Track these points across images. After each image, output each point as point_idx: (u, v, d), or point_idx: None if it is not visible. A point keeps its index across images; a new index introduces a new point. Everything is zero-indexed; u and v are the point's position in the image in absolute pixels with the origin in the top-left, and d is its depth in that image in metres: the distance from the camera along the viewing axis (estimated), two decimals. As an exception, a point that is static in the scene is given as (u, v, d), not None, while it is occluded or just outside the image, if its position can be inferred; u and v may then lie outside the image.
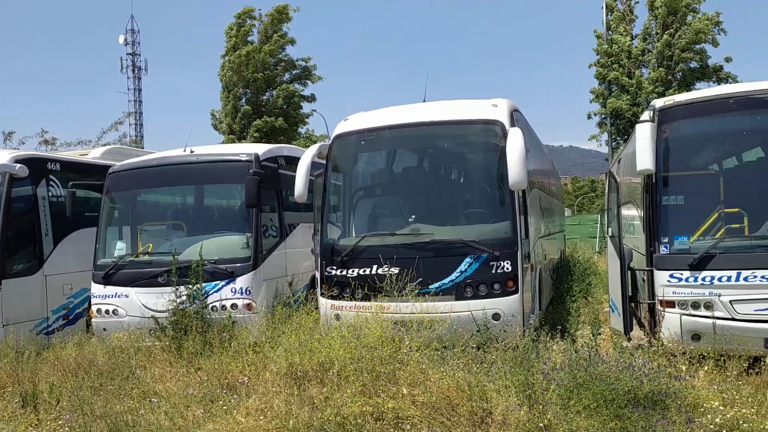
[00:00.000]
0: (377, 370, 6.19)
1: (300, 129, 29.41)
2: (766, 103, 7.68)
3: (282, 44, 28.42)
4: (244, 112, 27.40)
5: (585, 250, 21.18)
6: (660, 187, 7.69)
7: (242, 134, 27.38)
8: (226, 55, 28.16)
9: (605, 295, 11.26)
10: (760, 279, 7.08)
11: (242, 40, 28.04)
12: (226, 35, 28.27)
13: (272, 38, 28.16)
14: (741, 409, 5.42)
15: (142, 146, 41.35)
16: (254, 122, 27.13)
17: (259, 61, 27.39)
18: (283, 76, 28.50)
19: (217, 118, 28.61)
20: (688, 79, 25.34)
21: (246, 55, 27.05)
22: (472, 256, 7.98)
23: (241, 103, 27.91)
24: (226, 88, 28.13)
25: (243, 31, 28.10)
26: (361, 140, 8.99)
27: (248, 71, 27.26)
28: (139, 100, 62.26)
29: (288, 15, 28.52)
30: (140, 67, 62.59)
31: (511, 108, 8.74)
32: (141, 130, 60.43)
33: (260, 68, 27.48)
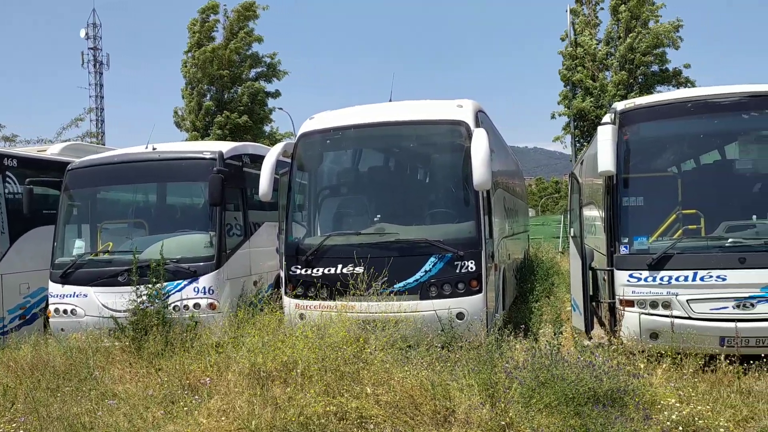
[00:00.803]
0: (341, 370, 6.17)
1: (265, 127, 29.07)
2: (722, 107, 7.89)
3: (248, 42, 28.06)
4: (207, 109, 26.96)
5: (548, 250, 21.49)
6: (620, 188, 7.84)
7: (206, 131, 26.98)
8: (189, 51, 27.67)
9: (567, 295, 11.43)
10: (716, 279, 7.27)
11: (206, 37, 27.59)
12: (189, 31, 27.75)
13: (238, 35, 27.77)
14: (696, 406, 5.57)
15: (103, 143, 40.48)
16: (216, 119, 26.71)
17: (224, 58, 27.01)
18: (248, 73, 28.15)
19: (180, 115, 28.11)
20: (649, 83, 25.87)
21: (211, 51, 26.63)
22: (436, 255, 8.01)
23: (205, 99, 27.46)
24: (190, 84, 27.67)
25: (207, 27, 27.66)
26: (327, 139, 8.95)
27: (213, 68, 26.87)
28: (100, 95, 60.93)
29: (255, 12, 28.17)
30: (102, 62, 61.27)
31: (476, 109, 8.80)
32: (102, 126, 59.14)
33: (225, 65, 27.10)
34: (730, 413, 5.65)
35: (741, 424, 5.57)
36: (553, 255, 20.32)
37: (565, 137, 28.52)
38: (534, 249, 20.36)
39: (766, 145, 8.18)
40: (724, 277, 7.25)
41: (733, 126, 8.08)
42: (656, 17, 25.91)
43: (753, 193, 7.93)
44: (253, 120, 27.42)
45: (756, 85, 7.93)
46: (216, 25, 27.95)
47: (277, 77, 28.68)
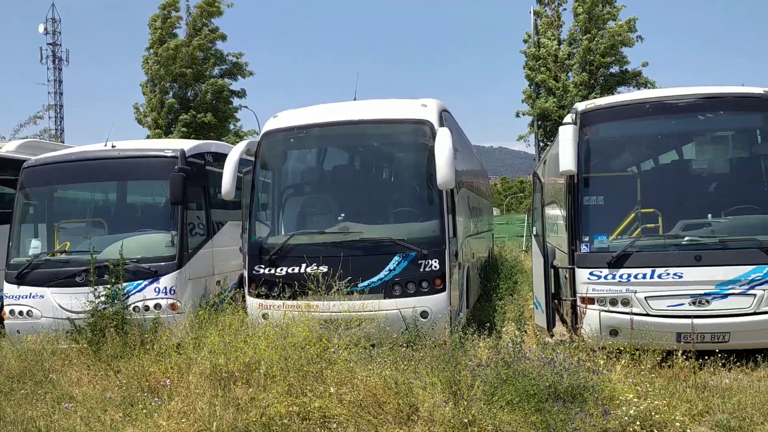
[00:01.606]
0: (304, 370, 6.13)
1: (230, 125, 28.73)
2: (679, 108, 8.08)
3: (212, 39, 27.67)
4: (169, 107, 26.50)
5: (512, 249, 21.70)
6: (581, 187, 7.97)
7: (169, 129, 26.53)
8: (151, 48, 27.16)
9: (531, 293, 11.55)
10: (673, 276, 7.44)
11: (168, 33, 27.12)
12: (150, 27, 27.23)
13: (201, 32, 27.37)
14: (653, 400, 5.66)
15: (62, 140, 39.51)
16: (181, 117, 26.29)
17: (187, 55, 26.60)
18: (212, 71, 27.77)
19: (141, 112, 27.57)
20: (610, 83, 26.35)
21: (174, 48, 26.18)
22: (400, 254, 8.02)
23: (167, 97, 27.00)
24: (152, 81, 27.17)
25: (169, 23, 27.18)
26: (291, 138, 8.90)
27: (176, 65, 26.43)
28: (59, 92, 59.50)
29: (218, 9, 27.79)
30: (61, 58, 59.82)
31: (440, 108, 8.84)
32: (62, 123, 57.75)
33: (188, 63, 26.69)
34: (685, 407, 5.78)
35: (696, 418, 5.71)
36: (517, 254, 20.53)
37: (529, 136, 28.89)
38: (498, 248, 20.56)
39: (722, 146, 8.38)
40: (680, 275, 7.42)
41: (690, 127, 8.28)
42: (614, 17, 26.35)
43: (709, 193, 8.13)
44: (217, 118, 27.07)
45: (712, 87, 8.15)
46: (178, 21, 27.48)
47: (243, 75, 28.38)
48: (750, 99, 7.93)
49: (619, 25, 25.85)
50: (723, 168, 8.24)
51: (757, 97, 7.84)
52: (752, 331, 7.30)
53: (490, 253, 16.57)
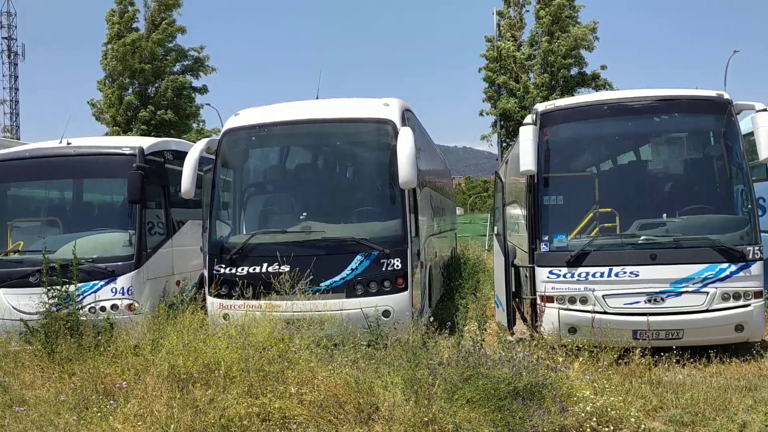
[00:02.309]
0: (265, 370, 6.07)
1: (193, 123, 28.31)
2: (636, 110, 8.26)
3: (171, 33, 27.18)
4: (128, 103, 25.96)
5: (475, 248, 21.88)
6: (541, 187, 8.08)
7: (128, 127, 26.01)
8: (109, 43, 26.56)
9: (492, 292, 11.66)
10: (629, 275, 7.59)
11: (126, 27, 26.57)
12: (108, 21, 26.65)
13: (160, 26, 26.87)
14: (610, 397, 5.77)
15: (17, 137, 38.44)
16: (140, 114, 25.80)
17: (146, 50, 26.09)
18: (173, 67, 27.30)
19: (98, 108, 26.96)
20: (570, 85, 26.80)
21: (131, 43, 25.65)
22: (363, 253, 8.02)
23: (126, 93, 26.45)
24: (110, 77, 26.58)
25: (127, 17, 26.63)
26: (252, 136, 8.81)
27: (134, 60, 25.91)
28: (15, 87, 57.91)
29: (177, 1, 27.28)
30: (17, 53, 58.21)
31: (403, 107, 8.85)
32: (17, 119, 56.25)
33: (148, 58, 26.18)
34: (640, 403, 5.90)
35: (651, 413, 5.83)
36: (480, 253, 20.72)
37: (491, 137, 29.18)
38: (462, 247, 20.70)
39: (676, 147, 8.59)
40: (636, 273, 7.58)
41: (646, 128, 8.46)
42: (575, 20, 26.83)
43: (664, 193, 8.32)
44: (179, 116, 26.64)
45: (667, 90, 8.35)
46: (136, 15, 26.94)
47: (204, 72, 27.98)
48: (703, 101, 8.13)
49: (581, 29, 26.33)
50: (678, 169, 8.45)
51: (710, 100, 8.05)
52: (704, 328, 7.50)
53: (453, 252, 16.67)
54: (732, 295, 7.49)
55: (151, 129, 25.35)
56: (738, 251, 7.53)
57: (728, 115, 7.90)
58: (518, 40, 28.12)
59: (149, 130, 25.14)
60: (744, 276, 7.50)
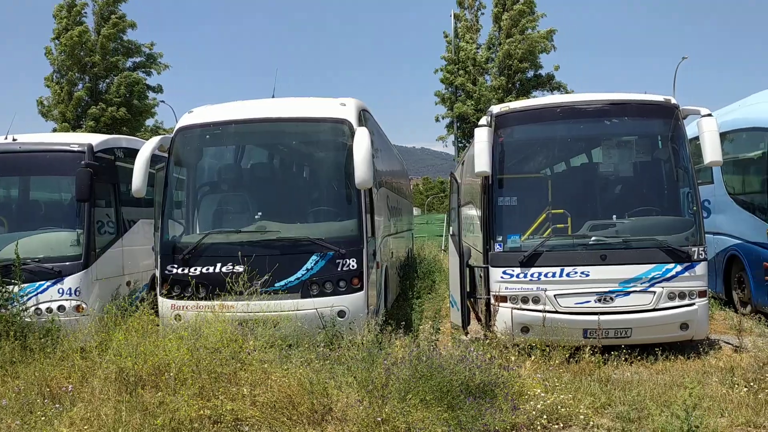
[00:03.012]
0: (217, 372, 5.99)
1: (147, 121, 27.71)
2: (587, 113, 8.44)
3: (122, 27, 26.53)
4: (78, 99, 25.23)
5: (432, 248, 22.03)
6: (495, 188, 8.18)
7: (78, 123, 25.30)
8: (57, 38, 25.78)
9: (448, 292, 11.75)
10: (580, 275, 7.75)
11: (75, 22, 25.85)
12: (56, 17, 25.88)
13: (110, 21, 26.19)
14: (560, 395, 5.88)
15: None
16: (90, 110, 25.10)
17: (97, 45, 25.41)
18: (125, 63, 26.67)
19: (46, 105, 26.13)
20: (526, 87, 27.23)
21: (78, 36, 24.92)
22: (318, 253, 7.98)
23: (76, 89, 25.71)
24: (59, 72, 25.80)
25: (75, 11, 25.89)
26: (206, 134, 8.69)
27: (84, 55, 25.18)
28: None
29: None
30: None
31: (360, 107, 8.84)
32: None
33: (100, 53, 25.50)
34: (589, 401, 6.01)
35: (599, 410, 5.94)
36: (436, 253, 20.86)
37: (448, 138, 29.44)
38: (418, 247, 20.80)
39: (626, 150, 8.79)
40: (587, 273, 7.74)
41: (597, 131, 8.65)
42: (534, 26, 27.29)
43: (614, 195, 8.53)
44: (131, 112, 26.03)
45: (618, 94, 8.56)
46: (84, 9, 26.21)
47: (157, 70, 27.41)
48: (651, 106, 8.35)
49: (539, 34, 26.79)
50: (627, 171, 8.65)
51: (658, 105, 8.28)
52: (652, 327, 7.71)
53: (409, 252, 16.74)
54: (678, 295, 7.71)
55: (102, 126, 24.70)
56: (683, 252, 7.76)
57: (675, 120, 8.14)
58: (475, 43, 28.44)
59: (100, 127, 24.48)
60: (689, 276, 7.73)
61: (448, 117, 28.44)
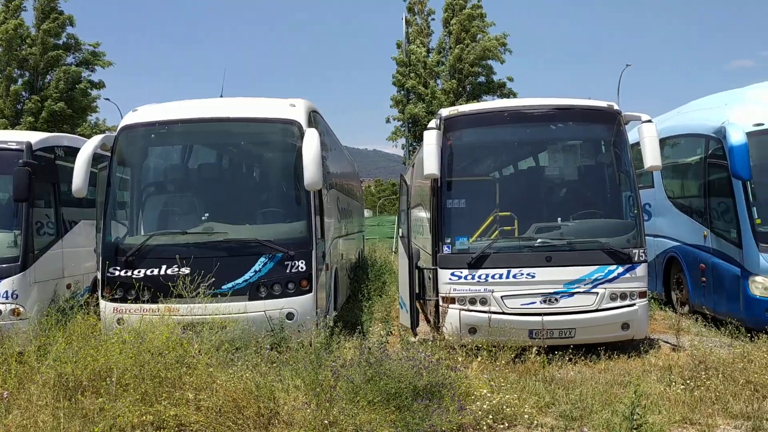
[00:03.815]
0: (161, 376, 5.85)
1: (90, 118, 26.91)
2: (534, 117, 8.62)
3: (62, 21, 25.67)
4: (15, 93, 24.30)
5: (383, 250, 22.07)
6: (444, 190, 8.25)
7: (17, 120, 24.39)
8: (-5, 34, 24.87)
9: (398, 293, 11.78)
10: (526, 276, 7.89)
11: (13, 16, 24.96)
12: (-7, 13, 25.00)
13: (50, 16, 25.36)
14: (506, 395, 5.97)
15: None
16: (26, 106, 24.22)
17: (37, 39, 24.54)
18: (65, 59, 25.84)
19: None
20: (476, 92, 27.61)
21: (14, 30, 24.04)
22: (266, 255, 7.90)
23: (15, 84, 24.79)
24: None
25: (14, 5, 24.97)
26: (151, 133, 8.50)
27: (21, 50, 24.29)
28: None
29: None
30: None
31: (309, 109, 8.80)
32: None
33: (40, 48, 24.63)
34: (534, 400, 6.12)
35: (543, 409, 6.06)
36: (387, 255, 20.91)
37: (398, 139, 29.61)
38: (369, 249, 20.81)
39: (571, 154, 9.03)
40: (533, 275, 7.89)
41: (543, 135, 8.84)
42: (484, 32, 27.69)
43: (559, 198, 8.73)
44: (73, 109, 25.21)
45: (563, 99, 8.76)
46: (23, 3, 25.31)
47: (102, 66, 26.65)
48: (595, 111, 8.58)
49: (490, 39, 27.17)
50: (572, 175, 8.87)
51: (601, 110, 8.51)
52: (594, 327, 7.91)
53: (360, 254, 16.72)
54: (619, 295, 7.93)
55: (42, 122, 23.86)
56: (625, 254, 7.98)
57: (617, 125, 8.38)
58: (426, 47, 28.70)
59: (39, 124, 23.64)
60: (630, 277, 7.96)
61: (400, 119, 28.60)
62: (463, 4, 27.68)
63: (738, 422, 5.71)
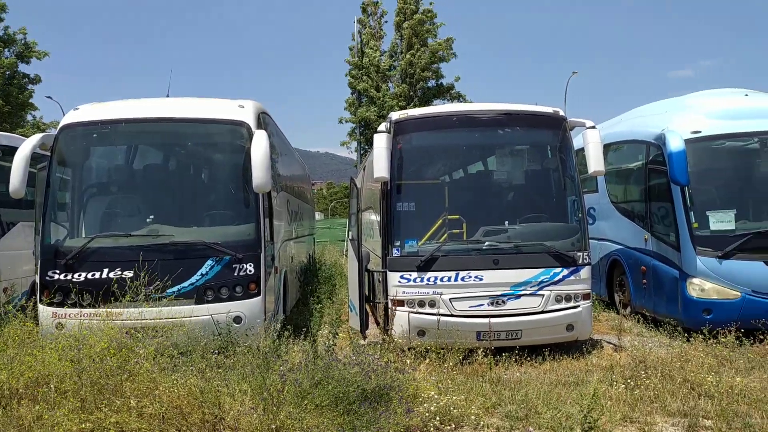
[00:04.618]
0: (101, 383, 5.69)
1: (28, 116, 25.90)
2: (482, 122, 8.74)
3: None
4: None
5: (334, 253, 22.01)
6: (394, 194, 8.29)
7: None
8: None
9: (348, 296, 11.76)
10: (474, 279, 7.99)
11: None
12: None
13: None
14: (453, 396, 6.01)
15: None
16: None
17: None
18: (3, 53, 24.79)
19: None
20: (427, 96, 27.83)
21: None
22: (214, 258, 7.78)
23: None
24: None
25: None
26: (93, 133, 8.25)
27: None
28: None
29: None
30: None
31: (259, 110, 8.70)
32: None
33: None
34: (481, 401, 6.19)
35: (490, 410, 6.13)
36: (338, 257, 20.86)
37: (351, 143, 29.58)
38: (320, 252, 20.72)
39: (518, 158, 9.19)
40: (481, 277, 7.99)
41: (491, 140, 8.98)
42: (434, 35, 27.96)
43: (507, 201, 8.88)
44: (11, 105, 24.21)
45: (511, 105, 8.90)
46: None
47: (38, 57, 25.53)
48: (541, 117, 8.75)
49: (438, 43, 27.47)
50: (519, 179, 9.02)
51: (547, 116, 8.69)
52: (540, 328, 8.06)
53: (311, 257, 16.63)
54: (564, 297, 8.10)
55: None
56: (570, 257, 8.16)
57: (563, 131, 8.57)
58: (378, 50, 28.79)
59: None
60: (575, 279, 8.14)
61: (352, 122, 28.59)
62: (414, 9, 27.89)
63: (675, 420, 5.90)
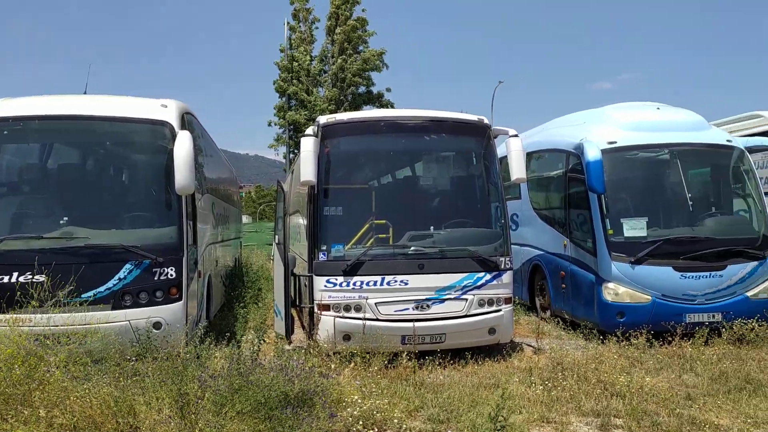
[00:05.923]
0: (7, 393, 5.40)
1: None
2: (409, 128, 8.85)
3: None
4: None
5: (261, 257, 21.69)
6: (320, 198, 8.26)
7: None
8: None
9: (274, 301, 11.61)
10: (400, 283, 8.05)
11: None
12: None
13: None
14: (376, 400, 6.03)
15: None
16: None
17: None
18: None
19: None
20: (357, 102, 27.93)
21: None
22: (133, 262, 7.53)
23: None
24: None
25: None
26: (4, 130, 7.85)
27: None
28: None
29: None
30: None
31: (182, 110, 8.49)
32: None
33: None
34: (404, 404, 6.24)
35: (413, 413, 6.19)
36: (264, 261, 20.57)
37: (279, 146, 29.31)
38: (246, 256, 20.38)
39: (444, 165, 9.34)
40: (406, 282, 8.06)
41: (417, 145, 9.09)
42: (366, 44, 28.13)
43: (432, 207, 8.98)
44: None
45: (437, 112, 9.03)
46: None
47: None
48: (466, 124, 8.93)
49: (371, 53, 27.66)
50: (444, 185, 9.17)
51: (472, 123, 8.87)
52: (463, 332, 8.20)
53: (237, 261, 16.33)
54: (487, 301, 8.27)
55: None
56: (492, 262, 8.34)
57: (487, 138, 8.76)
58: (309, 54, 28.68)
59: None
60: (497, 284, 8.33)
61: (282, 126, 28.34)
62: (348, 15, 27.94)
63: (589, 419, 6.12)
